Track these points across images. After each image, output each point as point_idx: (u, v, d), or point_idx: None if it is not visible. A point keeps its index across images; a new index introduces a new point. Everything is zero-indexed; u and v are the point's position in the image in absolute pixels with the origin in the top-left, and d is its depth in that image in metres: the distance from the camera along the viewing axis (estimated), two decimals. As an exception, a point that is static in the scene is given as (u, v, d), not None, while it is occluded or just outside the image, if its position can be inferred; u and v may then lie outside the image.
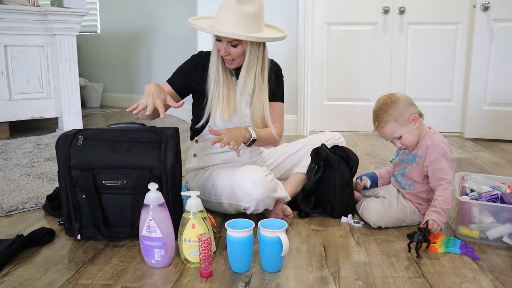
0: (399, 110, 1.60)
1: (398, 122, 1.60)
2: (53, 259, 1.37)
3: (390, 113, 1.60)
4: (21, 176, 2.27)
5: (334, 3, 3.48)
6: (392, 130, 1.62)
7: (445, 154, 1.57)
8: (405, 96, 1.64)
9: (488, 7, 3.10)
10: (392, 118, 1.60)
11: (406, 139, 1.62)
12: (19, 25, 3.24)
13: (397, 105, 1.60)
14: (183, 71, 1.77)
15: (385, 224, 1.61)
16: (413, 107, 1.62)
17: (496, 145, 3.14)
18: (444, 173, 1.55)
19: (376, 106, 1.65)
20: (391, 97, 1.63)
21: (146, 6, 4.74)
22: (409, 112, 1.60)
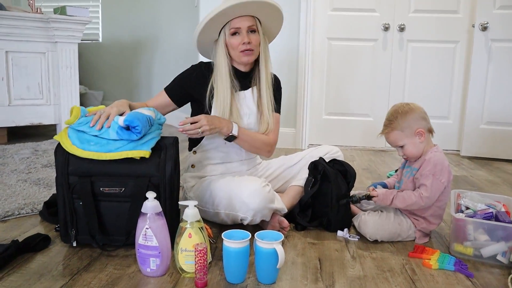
0: (408, 121, 1.61)
1: (403, 132, 1.62)
2: (48, 265, 1.37)
3: (398, 122, 1.62)
4: (18, 181, 2.27)
5: (335, 18, 3.52)
6: (396, 138, 1.64)
7: (435, 174, 1.57)
8: (420, 109, 1.65)
9: (487, 27, 3.15)
10: (399, 127, 1.62)
11: (407, 150, 1.63)
12: (22, 32, 3.26)
13: (408, 115, 1.61)
14: (182, 80, 1.78)
15: (381, 238, 1.62)
16: (423, 121, 1.63)
17: (492, 163, 3.16)
18: (424, 189, 1.57)
19: (389, 111, 1.67)
20: (405, 107, 1.64)
21: (148, 16, 4.78)
22: (417, 126, 1.61)
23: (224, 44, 1.70)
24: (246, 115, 1.77)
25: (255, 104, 1.79)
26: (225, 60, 1.70)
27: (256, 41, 1.70)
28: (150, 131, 1.50)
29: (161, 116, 1.64)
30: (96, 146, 1.42)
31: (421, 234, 1.65)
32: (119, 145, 1.42)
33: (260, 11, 1.68)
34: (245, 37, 1.66)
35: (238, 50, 1.68)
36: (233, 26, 1.66)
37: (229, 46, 1.70)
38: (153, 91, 4.84)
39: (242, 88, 1.77)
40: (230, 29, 1.67)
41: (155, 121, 1.56)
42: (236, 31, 1.67)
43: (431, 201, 1.59)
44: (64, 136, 1.45)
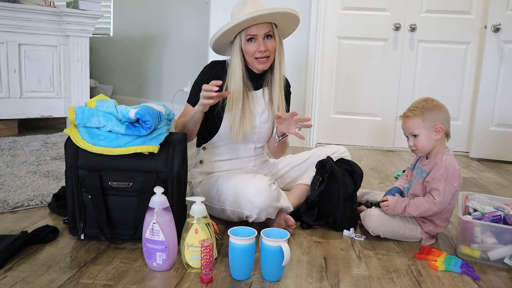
0: (434, 114, 1.60)
1: (424, 122, 1.60)
2: (56, 257, 1.39)
3: (424, 110, 1.61)
4: (28, 173, 2.30)
5: (346, 17, 3.50)
6: (415, 125, 1.62)
7: (447, 178, 1.56)
8: (447, 111, 1.64)
9: (499, 28, 3.12)
10: (422, 116, 1.60)
11: (420, 142, 1.62)
12: (34, 25, 3.29)
13: (436, 110, 1.61)
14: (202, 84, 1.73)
15: (384, 233, 1.62)
16: (446, 122, 1.62)
17: (501, 166, 3.13)
18: (437, 194, 1.56)
19: (419, 99, 1.66)
20: (438, 102, 1.63)
21: (159, 11, 4.79)
22: (439, 122, 1.60)
23: (239, 48, 1.69)
24: (258, 114, 1.79)
25: (266, 104, 1.80)
26: (239, 64, 1.69)
27: (272, 47, 1.69)
28: (159, 127, 1.51)
29: (170, 111, 1.65)
30: (105, 141, 1.43)
31: (428, 236, 1.64)
32: (128, 140, 1.43)
33: (277, 18, 1.68)
34: (261, 45, 1.66)
35: (253, 57, 1.68)
36: (249, 33, 1.65)
37: (245, 52, 1.69)
38: (162, 86, 4.86)
39: (255, 88, 1.78)
40: (246, 36, 1.66)
41: (164, 117, 1.57)
42: (252, 37, 1.66)
43: (444, 206, 1.58)
44: (74, 130, 1.46)
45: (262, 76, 1.78)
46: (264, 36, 1.66)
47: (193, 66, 4.20)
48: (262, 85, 1.80)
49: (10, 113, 3.33)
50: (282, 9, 1.63)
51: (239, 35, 1.67)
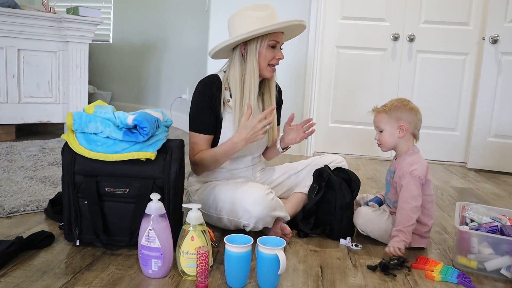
0: (400, 113, 1.64)
1: (389, 118, 1.65)
2: (51, 263, 1.38)
3: (392, 108, 1.66)
4: (24, 178, 2.29)
5: (345, 27, 3.52)
6: (381, 120, 1.68)
7: (412, 172, 1.59)
8: (419, 114, 1.67)
9: (497, 40, 3.14)
10: (389, 112, 1.65)
11: (383, 137, 1.68)
12: (34, 30, 3.30)
13: (404, 110, 1.65)
14: (207, 107, 1.69)
15: (372, 233, 1.63)
16: (413, 124, 1.65)
17: (498, 177, 3.14)
18: (404, 190, 1.59)
19: (395, 98, 1.71)
20: (410, 105, 1.66)
21: (159, 19, 4.81)
22: (404, 121, 1.64)
23: (257, 52, 1.67)
24: None
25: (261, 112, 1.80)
26: (256, 67, 1.68)
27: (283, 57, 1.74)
28: (157, 133, 1.51)
29: (168, 118, 1.65)
30: (102, 147, 1.43)
31: (417, 236, 1.64)
32: (125, 146, 1.43)
33: (295, 31, 1.75)
34: (280, 53, 1.71)
35: (269, 63, 1.70)
36: (274, 39, 1.67)
37: (260, 56, 1.68)
38: (161, 93, 4.87)
39: None
40: (271, 41, 1.66)
41: (162, 123, 1.57)
42: (275, 44, 1.68)
43: (417, 198, 1.58)
44: (71, 136, 1.46)
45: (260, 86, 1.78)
46: (281, 45, 1.72)
47: (192, 74, 4.21)
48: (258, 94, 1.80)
49: (8, 118, 3.33)
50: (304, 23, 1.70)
51: (258, 38, 1.66)
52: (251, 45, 1.67)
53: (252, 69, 1.68)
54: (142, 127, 1.43)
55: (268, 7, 1.69)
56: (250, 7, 1.68)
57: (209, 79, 1.72)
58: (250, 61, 1.68)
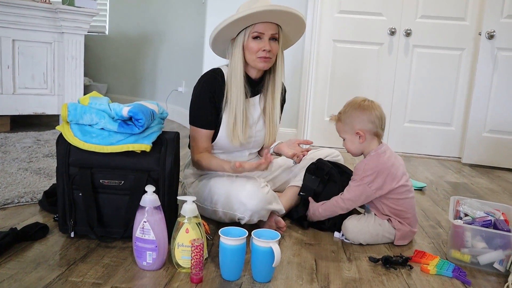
0: (353, 118, 1.62)
1: (345, 126, 1.65)
2: (45, 254, 1.37)
3: (346, 114, 1.64)
4: (19, 170, 2.28)
5: (342, 21, 3.51)
6: (339, 130, 1.69)
7: (363, 178, 1.60)
8: (376, 111, 1.61)
9: (493, 35, 3.14)
10: (343, 120, 1.65)
11: (346, 145, 1.69)
12: (29, 21, 3.27)
13: (356, 113, 1.62)
14: (208, 102, 1.67)
15: (365, 240, 1.63)
16: (371, 124, 1.61)
17: (493, 172, 3.15)
18: (347, 190, 1.63)
19: (347, 102, 1.68)
20: (361, 103, 1.63)
21: (156, 11, 4.78)
22: (359, 126, 1.62)
23: (241, 46, 1.64)
24: (254, 123, 1.78)
25: (261, 112, 1.79)
26: (240, 63, 1.65)
27: (276, 50, 1.66)
28: (152, 125, 1.51)
29: (163, 110, 1.64)
30: (97, 139, 1.42)
31: (400, 234, 1.64)
32: (120, 138, 1.43)
33: (287, 22, 1.64)
34: (266, 44, 1.61)
35: (256, 56, 1.63)
36: (256, 30, 1.60)
37: (246, 49, 1.64)
38: (157, 86, 4.85)
39: (252, 94, 1.76)
40: (253, 33, 1.61)
41: (157, 116, 1.56)
42: (259, 35, 1.61)
43: (354, 203, 1.63)
44: (66, 127, 1.45)
45: (259, 83, 1.76)
46: (271, 37, 1.63)
47: (188, 66, 4.19)
48: (259, 92, 1.78)
49: (3, 109, 3.30)
50: (295, 11, 1.60)
51: (243, 31, 1.62)
52: (237, 40, 1.64)
53: (235, 64, 1.65)
54: (137, 119, 1.43)
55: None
56: (245, 2, 1.65)
57: (212, 73, 1.70)
58: (234, 55, 1.65)
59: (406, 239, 1.66)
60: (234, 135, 1.69)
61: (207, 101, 1.67)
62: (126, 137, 1.43)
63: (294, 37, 1.77)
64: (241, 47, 1.64)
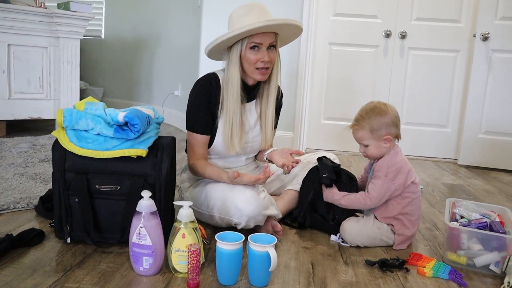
0: (380, 124, 1.61)
1: (372, 134, 1.63)
2: (41, 260, 1.37)
3: (370, 122, 1.62)
4: (15, 175, 2.27)
5: (337, 23, 3.52)
6: (363, 137, 1.65)
7: (387, 175, 1.60)
8: (394, 113, 1.65)
9: (488, 37, 3.16)
10: (369, 128, 1.62)
11: (370, 151, 1.66)
12: (24, 25, 3.27)
13: (381, 118, 1.62)
14: (203, 107, 1.67)
15: (362, 243, 1.63)
16: (394, 128, 1.63)
17: (489, 173, 3.16)
18: (372, 188, 1.62)
19: (365, 108, 1.66)
20: (382, 108, 1.63)
21: (151, 15, 4.78)
22: (387, 131, 1.62)
23: (239, 55, 1.62)
24: (251, 128, 1.78)
25: (257, 117, 1.79)
26: (237, 73, 1.63)
27: (274, 58, 1.65)
28: (148, 130, 1.51)
29: (159, 115, 1.64)
30: (93, 144, 1.42)
31: (400, 239, 1.65)
32: (116, 143, 1.43)
33: (285, 29, 1.64)
34: (265, 55, 1.59)
35: (255, 67, 1.62)
36: (254, 41, 1.58)
37: (244, 59, 1.62)
38: (153, 90, 4.85)
39: (247, 100, 1.75)
40: (250, 43, 1.58)
41: (153, 120, 1.56)
42: (257, 46, 1.60)
43: (379, 201, 1.62)
44: (62, 133, 1.45)
45: (255, 88, 1.76)
46: (268, 46, 1.61)
47: (184, 70, 4.19)
48: (255, 97, 1.78)
49: (-2, 114, 3.30)
50: (293, 21, 1.60)
51: (240, 41, 1.60)
52: (234, 49, 1.62)
53: (232, 74, 1.63)
54: (133, 124, 1.43)
55: (252, 7, 1.61)
56: (238, 9, 1.64)
57: (207, 78, 1.69)
58: (231, 65, 1.63)
59: (405, 244, 1.66)
60: (232, 144, 1.69)
61: (202, 107, 1.67)
62: (122, 143, 1.43)
63: (291, 38, 1.78)
64: (238, 57, 1.62)
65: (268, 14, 1.63)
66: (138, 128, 1.42)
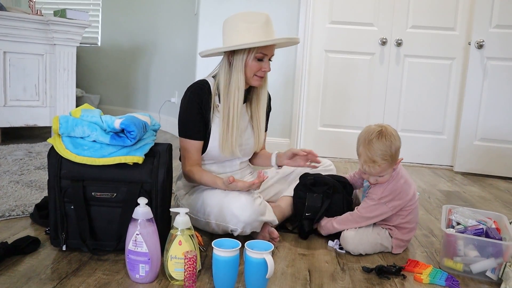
0: (395, 150, 1.57)
1: (391, 164, 1.59)
2: (36, 268, 1.36)
3: (393, 156, 1.57)
4: (10, 183, 2.26)
5: (334, 31, 3.54)
6: (384, 170, 1.59)
7: (381, 198, 1.61)
8: (398, 136, 1.61)
9: (483, 45, 3.18)
10: (391, 162, 1.58)
11: (384, 178, 1.62)
12: (20, 33, 3.27)
13: (397, 148, 1.58)
14: (196, 113, 1.69)
15: (364, 250, 1.63)
16: (401, 147, 1.62)
17: (485, 180, 3.17)
18: (363, 207, 1.65)
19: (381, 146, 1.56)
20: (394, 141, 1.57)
21: (148, 22, 4.80)
22: (398, 155, 1.61)
23: (243, 62, 1.66)
24: (244, 131, 1.80)
25: (249, 118, 1.82)
26: (242, 77, 1.67)
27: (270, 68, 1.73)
28: (144, 137, 1.51)
29: (156, 122, 1.64)
30: (89, 151, 1.42)
31: (397, 242, 1.65)
32: (112, 150, 1.42)
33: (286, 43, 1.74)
34: (267, 65, 1.69)
35: (255, 74, 1.69)
36: (262, 52, 1.65)
37: (247, 66, 1.67)
38: (149, 97, 4.85)
39: None
40: (258, 54, 1.65)
41: (149, 127, 1.56)
42: (263, 57, 1.67)
43: (371, 221, 1.64)
44: (58, 140, 1.45)
45: (247, 92, 1.78)
46: (270, 57, 1.70)
47: (181, 77, 4.20)
48: (246, 100, 1.80)
49: (-6, 122, 3.29)
50: (296, 39, 1.73)
51: (246, 50, 1.64)
52: (238, 56, 1.65)
53: (237, 79, 1.67)
54: (130, 131, 1.42)
55: (259, 17, 1.65)
56: (243, 17, 1.65)
57: (198, 85, 1.71)
58: (235, 71, 1.67)
59: (402, 247, 1.67)
60: (227, 145, 1.69)
61: (195, 112, 1.68)
62: (118, 149, 1.43)
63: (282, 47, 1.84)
64: (243, 63, 1.66)
65: (271, 25, 1.69)
66: (135, 135, 1.42)
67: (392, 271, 1.46)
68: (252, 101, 1.81)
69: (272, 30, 1.67)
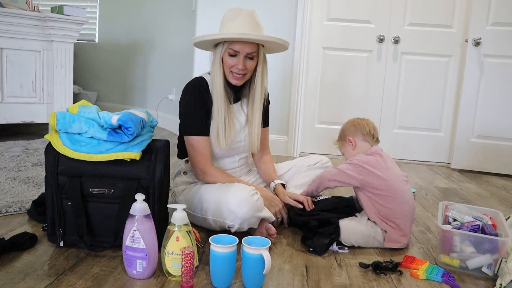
0: (345, 131, 1.81)
1: (342, 141, 1.83)
2: (33, 264, 1.36)
3: (340, 135, 1.84)
4: (7, 179, 2.26)
5: (331, 28, 3.54)
6: (340, 147, 1.86)
7: (350, 161, 1.71)
8: (361, 121, 1.80)
9: (480, 42, 3.19)
10: (340, 139, 1.84)
11: (345, 158, 1.81)
12: (17, 29, 3.25)
13: (346, 128, 1.81)
14: (200, 108, 1.69)
15: (356, 241, 1.64)
16: (358, 132, 1.77)
17: (481, 177, 3.18)
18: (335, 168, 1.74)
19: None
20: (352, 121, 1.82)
21: (145, 19, 4.79)
22: (349, 135, 1.79)
23: (220, 56, 1.66)
24: (242, 128, 1.80)
25: (245, 117, 1.80)
26: (219, 73, 1.67)
27: (252, 67, 1.68)
28: (142, 133, 1.50)
29: (153, 118, 1.64)
30: (86, 147, 1.41)
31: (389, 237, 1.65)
32: (109, 146, 1.42)
33: (267, 43, 1.67)
34: (240, 63, 1.63)
35: (230, 70, 1.66)
36: (232, 48, 1.62)
37: (223, 61, 1.66)
38: (147, 94, 4.84)
39: (234, 100, 1.77)
40: (229, 49, 1.62)
41: (147, 124, 1.56)
42: (235, 54, 1.63)
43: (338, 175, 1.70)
44: (55, 136, 1.45)
45: (241, 89, 1.78)
46: (246, 56, 1.65)
47: (178, 74, 4.19)
48: (241, 98, 1.80)
49: (-9, 118, 3.28)
50: (270, 38, 1.62)
51: (222, 44, 1.65)
52: (217, 50, 1.67)
53: (216, 74, 1.67)
54: (127, 127, 1.42)
55: (240, 13, 1.64)
56: (229, 11, 1.68)
57: (197, 82, 1.71)
58: (214, 65, 1.68)
59: (396, 242, 1.66)
60: (219, 142, 1.70)
61: (198, 108, 1.68)
62: (116, 146, 1.43)
63: (276, 50, 1.79)
64: (220, 59, 1.67)
65: (255, 22, 1.65)
66: (132, 131, 1.42)
67: (388, 267, 1.46)
68: (248, 98, 1.80)
69: (250, 27, 1.62)
